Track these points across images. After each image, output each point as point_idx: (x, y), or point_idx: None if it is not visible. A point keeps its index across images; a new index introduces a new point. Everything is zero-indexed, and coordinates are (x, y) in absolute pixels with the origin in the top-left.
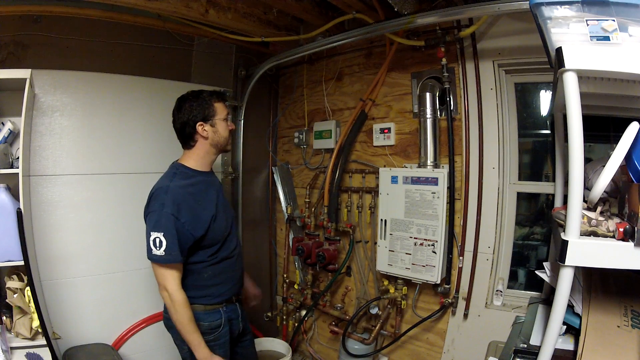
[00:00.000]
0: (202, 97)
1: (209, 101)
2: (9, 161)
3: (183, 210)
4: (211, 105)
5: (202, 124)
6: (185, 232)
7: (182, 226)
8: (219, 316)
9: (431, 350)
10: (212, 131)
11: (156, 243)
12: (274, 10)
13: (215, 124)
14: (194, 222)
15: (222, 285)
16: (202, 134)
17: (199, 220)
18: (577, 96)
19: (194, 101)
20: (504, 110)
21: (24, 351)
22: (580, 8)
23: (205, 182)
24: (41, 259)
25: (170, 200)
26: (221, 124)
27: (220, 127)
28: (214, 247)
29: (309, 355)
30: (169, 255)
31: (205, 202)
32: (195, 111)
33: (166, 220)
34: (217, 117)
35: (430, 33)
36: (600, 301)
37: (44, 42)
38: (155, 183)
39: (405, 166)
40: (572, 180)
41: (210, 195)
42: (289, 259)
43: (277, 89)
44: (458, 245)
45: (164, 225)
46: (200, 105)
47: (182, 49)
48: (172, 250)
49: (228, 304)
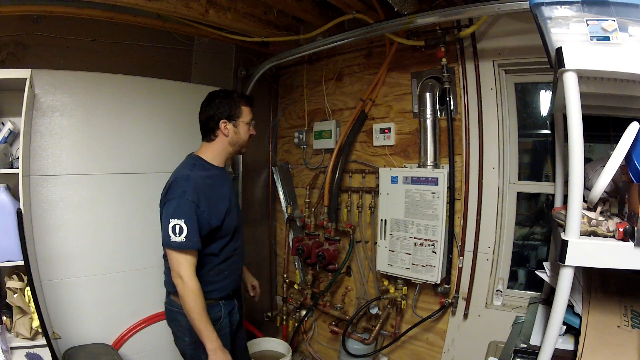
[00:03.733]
0: (231, 97)
1: (238, 102)
2: (9, 161)
3: (202, 199)
4: (238, 106)
5: (225, 122)
6: (203, 221)
7: (202, 214)
8: (219, 309)
9: (431, 350)
10: (234, 131)
11: (175, 230)
12: (274, 10)
13: (238, 124)
14: (211, 211)
15: (224, 281)
16: (224, 131)
17: (216, 210)
18: (577, 96)
19: (223, 98)
20: (504, 110)
21: (24, 351)
22: (580, 8)
23: (220, 176)
24: (41, 258)
25: (191, 188)
26: (243, 126)
27: (242, 129)
28: (224, 240)
29: (309, 355)
30: (189, 241)
31: (221, 195)
32: (222, 108)
33: (187, 207)
34: (241, 119)
35: (430, 33)
36: (600, 301)
37: (44, 42)
38: (174, 172)
39: (405, 166)
40: (572, 180)
41: (225, 189)
42: (289, 259)
43: (277, 89)
44: (458, 245)
45: (185, 212)
46: (228, 104)
47: (182, 49)
48: (193, 237)
49: (227, 299)
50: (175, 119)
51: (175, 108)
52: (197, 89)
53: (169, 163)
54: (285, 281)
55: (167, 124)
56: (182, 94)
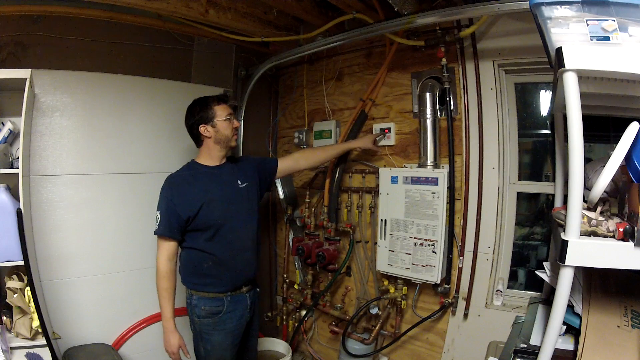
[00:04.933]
0: (204, 102)
1: (210, 105)
2: (9, 161)
3: (176, 193)
4: (211, 108)
5: (204, 126)
6: (176, 212)
7: (174, 206)
8: (221, 303)
9: (431, 350)
10: (214, 131)
11: (156, 220)
12: (274, 10)
13: (215, 124)
14: (183, 203)
15: (222, 276)
16: (205, 134)
17: (188, 203)
18: (577, 96)
19: (197, 106)
20: (504, 110)
21: (24, 351)
22: (580, 8)
23: (209, 174)
24: (41, 259)
25: (167, 184)
26: (222, 124)
27: (220, 126)
28: (207, 233)
29: (309, 355)
30: (160, 228)
31: (200, 189)
32: (197, 115)
33: (163, 201)
34: (217, 118)
35: (430, 33)
36: (600, 301)
37: (44, 42)
38: None
39: (405, 166)
40: (572, 180)
41: (209, 185)
42: (289, 259)
43: (277, 89)
44: (458, 245)
45: (161, 205)
46: (201, 110)
47: (182, 49)
48: (164, 225)
49: (233, 294)
50: (175, 119)
51: (175, 108)
52: (197, 89)
53: (169, 163)
54: (285, 281)
55: (167, 124)
56: (182, 94)
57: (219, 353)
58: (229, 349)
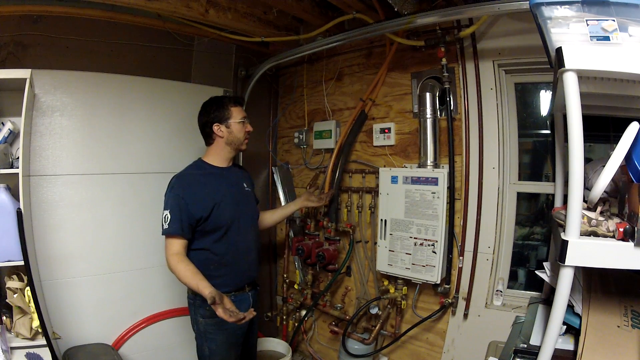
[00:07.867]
0: (221, 102)
1: (226, 105)
2: (9, 161)
3: (187, 191)
4: (228, 108)
5: (218, 125)
6: (188, 211)
7: (186, 205)
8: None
9: (431, 350)
10: (227, 132)
11: (165, 219)
12: (274, 10)
13: (230, 125)
14: (195, 203)
15: (227, 276)
16: (218, 133)
17: (201, 202)
18: (577, 96)
19: (213, 104)
20: (504, 110)
21: (24, 351)
22: (580, 8)
23: (219, 175)
24: (41, 259)
25: (178, 183)
26: (236, 125)
27: (234, 128)
28: (216, 234)
29: (309, 355)
30: (171, 227)
31: (211, 190)
32: (213, 114)
33: (172, 199)
34: (232, 119)
35: (430, 33)
36: (600, 301)
37: (44, 42)
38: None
39: (405, 166)
40: (572, 180)
41: (219, 185)
42: (289, 259)
43: (277, 89)
44: (458, 245)
45: (170, 204)
46: (217, 109)
47: (182, 49)
48: (175, 224)
49: (237, 293)
50: (175, 119)
51: (175, 108)
52: (197, 89)
53: (169, 163)
54: (285, 281)
55: (168, 124)
56: (182, 94)
57: (224, 352)
58: (233, 347)
